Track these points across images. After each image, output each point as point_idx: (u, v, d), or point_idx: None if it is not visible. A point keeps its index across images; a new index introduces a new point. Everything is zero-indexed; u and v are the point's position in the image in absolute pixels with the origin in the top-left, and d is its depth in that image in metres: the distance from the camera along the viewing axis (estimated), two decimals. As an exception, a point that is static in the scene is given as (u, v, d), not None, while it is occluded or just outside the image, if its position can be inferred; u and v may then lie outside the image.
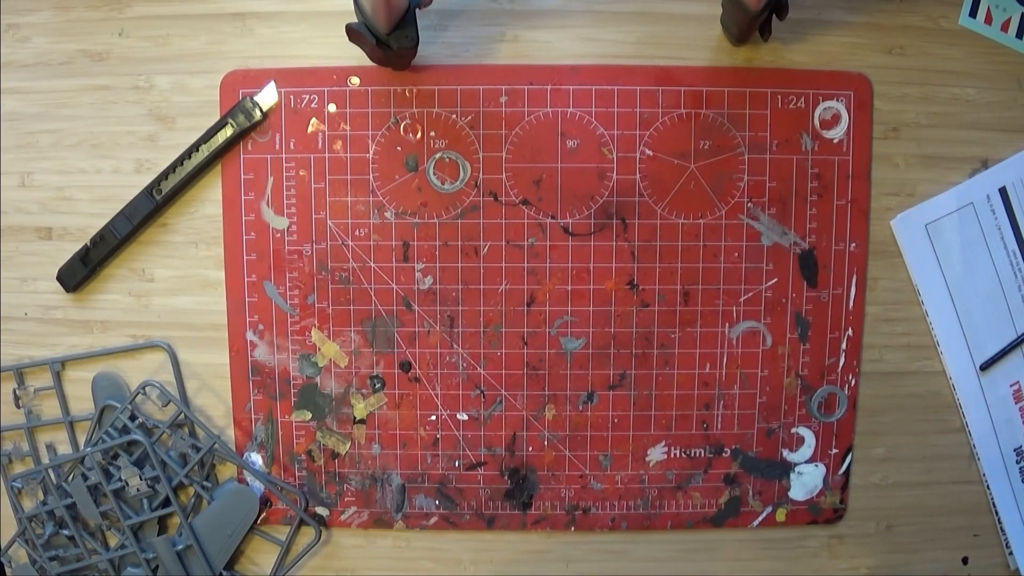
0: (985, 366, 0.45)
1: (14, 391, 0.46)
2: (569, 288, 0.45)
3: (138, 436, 0.44)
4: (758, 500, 0.46)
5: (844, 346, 0.45)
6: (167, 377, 0.46)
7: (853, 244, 0.45)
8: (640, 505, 0.46)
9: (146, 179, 0.45)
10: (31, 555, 0.46)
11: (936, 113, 0.45)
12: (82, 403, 0.46)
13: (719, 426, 0.46)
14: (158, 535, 0.45)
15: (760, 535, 0.46)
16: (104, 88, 0.45)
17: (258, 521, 0.45)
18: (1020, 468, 0.46)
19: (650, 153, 0.45)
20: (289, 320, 0.45)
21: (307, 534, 0.46)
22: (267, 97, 0.44)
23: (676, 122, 0.44)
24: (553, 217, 0.45)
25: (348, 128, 0.44)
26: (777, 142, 0.45)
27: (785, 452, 0.46)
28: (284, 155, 0.45)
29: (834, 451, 0.46)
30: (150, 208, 0.44)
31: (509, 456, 0.46)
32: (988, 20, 0.45)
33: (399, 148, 0.45)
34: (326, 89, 0.44)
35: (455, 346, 0.45)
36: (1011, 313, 0.45)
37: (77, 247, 0.45)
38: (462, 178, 0.45)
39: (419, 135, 0.45)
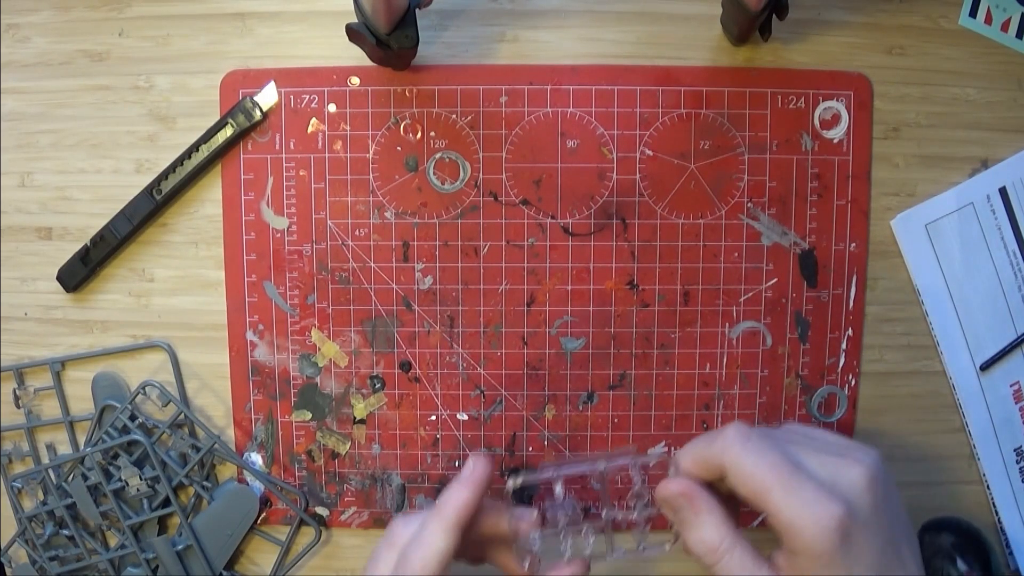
0: (985, 366, 0.45)
1: (14, 391, 0.46)
2: (569, 288, 0.45)
3: (138, 436, 0.44)
4: (758, 500, 0.46)
5: (844, 346, 0.45)
6: (167, 377, 0.46)
7: (853, 244, 0.45)
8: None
9: (146, 179, 0.45)
10: (31, 555, 0.46)
11: (936, 113, 0.45)
12: (82, 403, 0.46)
13: (719, 426, 0.45)
14: (158, 535, 0.45)
15: (760, 535, 0.46)
16: (104, 88, 0.45)
17: (258, 521, 0.45)
18: (1020, 468, 0.46)
19: (650, 153, 0.45)
20: (289, 320, 0.45)
21: (307, 534, 0.46)
22: (267, 97, 0.44)
23: (676, 122, 0.44)
24: (553, 217, 0.45)
25: (348, 128, 0.44)
26: (777, 142, 0.45)
27: (785, 452, 0.46)
28: (284, 155, 0.45)
29: (834, 451, 0.46)
30: (150, 208, 0.44)
31: (509, 456, 0.46)
32: (988, 20, 0.45)
33: (399, 148, 0.45)
34: (326, 89, 0.44)
35: (455, 346, 0.45)
36: (1011, 313, 0.45)
37: (77, 247, 0.45)
38: (462, 178, 0.45)
39: (419, 135, 0.45)
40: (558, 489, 0.37)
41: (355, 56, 0.43)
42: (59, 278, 0.45)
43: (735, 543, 0.34)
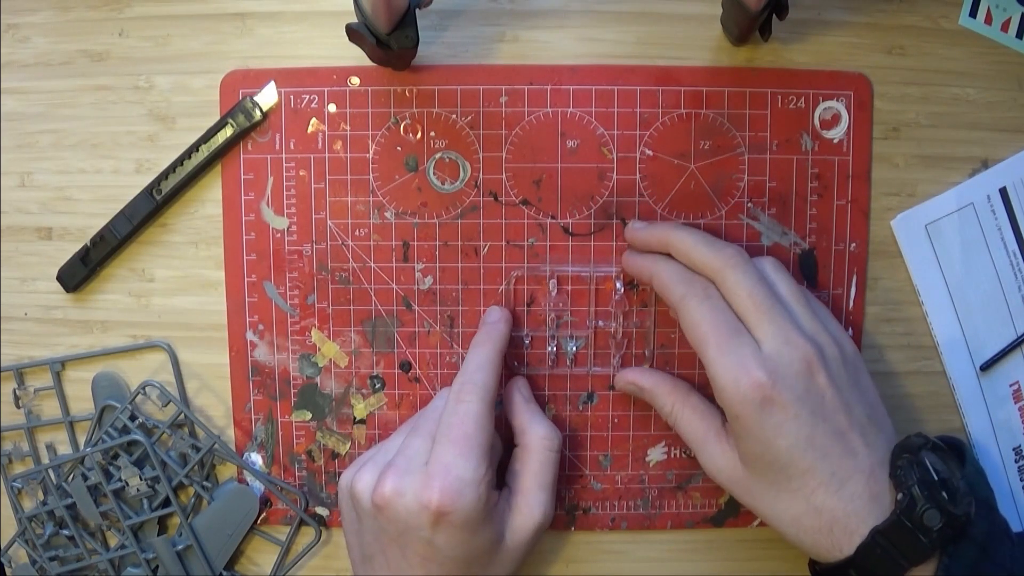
0: (985, 366, 0.45)
1: (14, 391, 0.46)
2: (569, 288, 0.45)
3: (138, 436, 0.44)
4: (758, 500, 0.46)
5: (844, 346, 0.45)
6: (167, 377, 0.46)
7: (853, 244, 0.45)
8: (640, 505, 0.46)
9: (146, 179, 0.45)
10: (31, 555, 0.46)
11: (936, 113, 0.45)
12: (82, 403, 0.46)
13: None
14: (158, 535, 0.45)
15: (760, 535, 0.46)
16: (104, 88, 0.45)
17: (258, 521, 0.45)
18: (1019, 468, 0.46)
19: (650, 153, 0.45)
20: (289, 320, 0.45)
21: (307, 534, 0.46)
22: (267, 97, 0.44)
23: (676, 122, 0.44)
24: (553, 217, 0.45)
25: (348, 128, 0.44)
26: (777, 142, 0.45)
27: (785, 452, 0.46)
28: (284, 155, 0.45)
29: (834, 451, 0.46)
30: (150, 208, 0.44)
31: (509, 456, 0.46)
32: (988, 20, 0.45)
33: (399, 148, 0.45)
34: (326, 89, 0.44)
35: (455, 346, 0.45)
36: (1011, 313, 0.45)
37: (77, 247, 0.45)
38: (462, 178, 0.45)
39: (419, 135, 0.45)
40: (552, 284, 0.44)
41: (355, 56, 0.43)
42: (59, 278, 0.45)
43: (683, 407, 0.41)
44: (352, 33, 0.40)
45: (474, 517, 0.37)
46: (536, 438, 0.41)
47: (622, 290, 0.44)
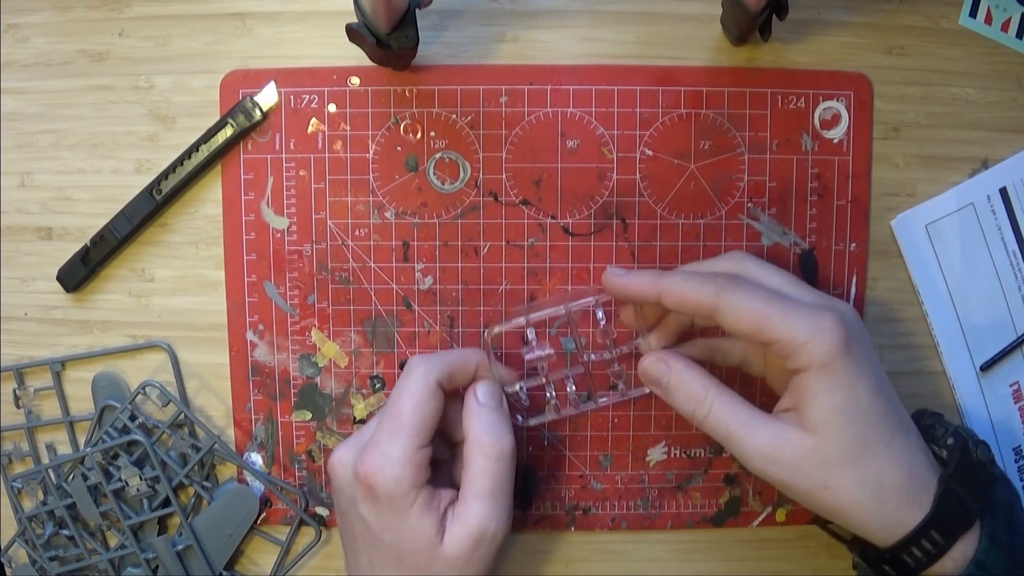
0: (985, 366, 0.45)
1: (14, 391, 0.46)
2: (569, 288, 0.45)
3: (138, 436, 0.44)
4: (758, 500, 0.46)
5: (844, 346, 0.45)
6: (167, 377, 0.46)
7: (853, 244, 0.45)
8: (640, 505, 0.46)
9: (146, 179, 0.45)
10: (31, 555, 0.46)
11: (936, 113, 0.45)
12: (82, 403, 0.46)
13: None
14: (158, 535, 0.45)
15: (760, 535, 0.47)
16: (104, 88, 0.45)
17: (258, 521, 0.45)
18: (1019, 467, 0.46)
19: (650, 153, 0.45)
20: (289, 320, 0.45)
21: (307, 534, 0.46)
22: (267, 97, 0.44)
23: (676, 122, 0.44)
24: (553, 217, 0.45)
25: (348, 128, 0.44)
26: (777, 142, 0.45)
27: (785, 452, 0.46)
28: (284, 155, 0.45)
29: (834, 451, 0.46)
30: (150, 208, 0.44)
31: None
32: (988, 20, 0.45)
33: (399, 148, 0.45)
34: (326, 89, 0.44)
35: (455, 346, 0.45)
36: (1011, 313, 0.45)
37: (77, 247, 0.45)
38: (462, 178, 0.45)
39: (419, 135, 0.45)
40: (530, 334, 0.41)
41: (355, 56, 0.43)
42: (59, 278, 0.45)
43: (720, 391, 0.37)
44: (352, 33, 0.40)
45: (398, 496, 0.37)
46: (474, 445, 0.38)
47: (604, 319, 0.42)
